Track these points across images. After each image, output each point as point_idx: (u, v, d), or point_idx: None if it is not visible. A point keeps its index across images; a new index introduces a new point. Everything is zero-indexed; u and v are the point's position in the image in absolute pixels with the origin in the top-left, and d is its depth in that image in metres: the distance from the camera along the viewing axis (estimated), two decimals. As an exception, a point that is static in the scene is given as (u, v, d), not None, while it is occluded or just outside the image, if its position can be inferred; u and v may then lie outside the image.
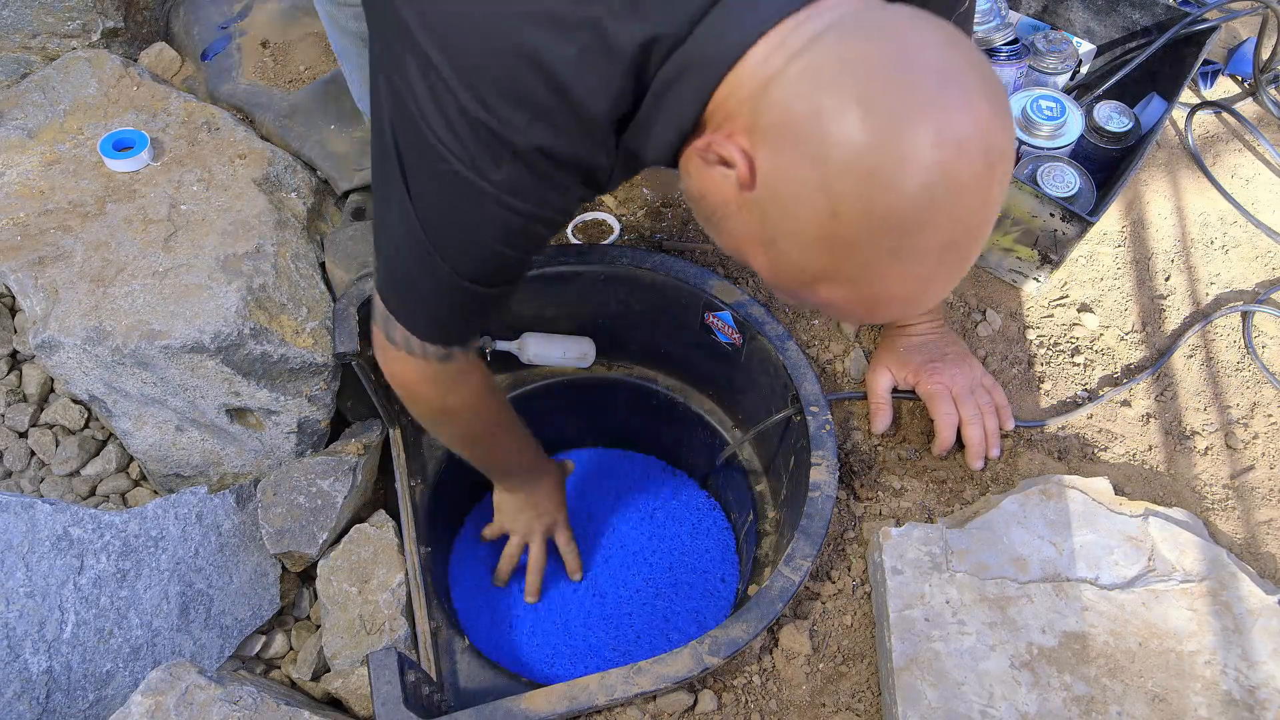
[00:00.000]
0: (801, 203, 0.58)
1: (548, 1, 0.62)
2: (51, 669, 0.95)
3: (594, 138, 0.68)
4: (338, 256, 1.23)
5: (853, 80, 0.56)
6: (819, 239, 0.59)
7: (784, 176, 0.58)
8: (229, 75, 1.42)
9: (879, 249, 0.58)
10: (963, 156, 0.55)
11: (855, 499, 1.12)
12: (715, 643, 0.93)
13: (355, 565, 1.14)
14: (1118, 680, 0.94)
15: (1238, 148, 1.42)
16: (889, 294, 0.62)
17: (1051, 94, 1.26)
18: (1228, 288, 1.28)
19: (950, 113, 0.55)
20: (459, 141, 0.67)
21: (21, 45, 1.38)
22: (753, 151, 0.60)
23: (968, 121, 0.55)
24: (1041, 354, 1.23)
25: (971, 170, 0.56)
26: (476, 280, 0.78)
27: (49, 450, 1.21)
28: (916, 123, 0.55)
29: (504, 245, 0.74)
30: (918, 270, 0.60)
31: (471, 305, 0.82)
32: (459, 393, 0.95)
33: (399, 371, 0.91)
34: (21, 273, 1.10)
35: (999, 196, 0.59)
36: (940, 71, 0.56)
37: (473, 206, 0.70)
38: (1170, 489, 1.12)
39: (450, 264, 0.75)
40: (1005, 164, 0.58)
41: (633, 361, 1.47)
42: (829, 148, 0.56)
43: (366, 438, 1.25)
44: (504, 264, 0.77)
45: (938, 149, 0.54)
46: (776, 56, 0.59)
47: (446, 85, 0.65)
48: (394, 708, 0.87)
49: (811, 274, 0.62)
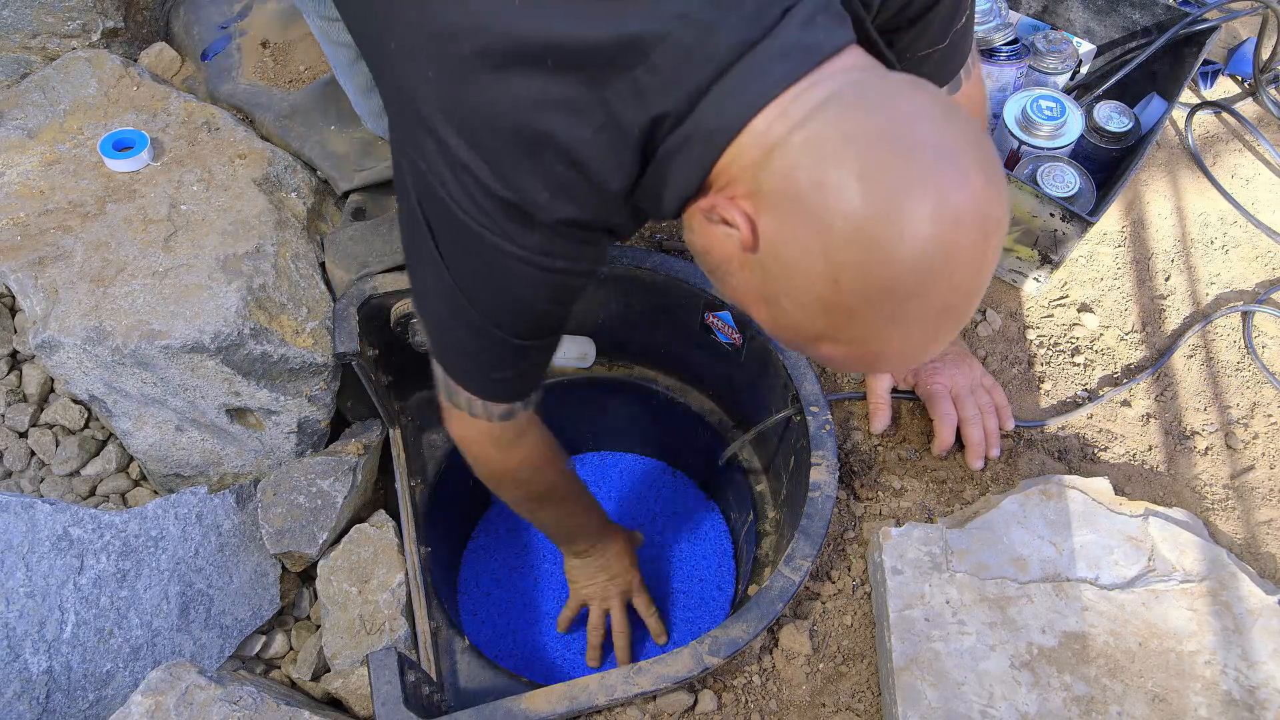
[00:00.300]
0: (803, 269, 0.60)
1: (559, 89, 0.64)
2: (51, 669, 0.95)
3: (612, 205, 0.71)
4: (338, 256, 1.23)
5: (853, 154, 0.58)
6: (820, 303, 0.61)
7: (787, 242, 0.60)
8: (229, 75, 1.42)
9: (877, 315, 0.60)
10: (959, 230, 0.57)
11: (855, 499, 1.12)
12: (715, 643, 0.93)
13: (355, 565, 1.14)
14: (1118, 680, 0.94)
15: (1238, 148, 1.42)
16: (887, 353, 0.64)
17: (1051, 94, 1.26)
18: (1228, 288, 1.28)
19: (947, 188, 0.57)
20: (486, 215, 0.69)
21: (21, 45, 1.38)
22: (756, 216, 0.62)
23: (964, 196, 0.57)
24: (1041, 354, 1.23)
25: (968, 242, 0.58)
26: (523, 335, 0.80)
27: (49, 450, 1.21)
28: (915, 198, 0.57)
29: (546, 302, 0.77)
30: (915, 333, 0.62)
31: (523, 359, 0.85)
32: (521, 450, 0.98)
33: (465, 435, 0.95)
34: (21, 273, 1.10)
35: (994, 262, 0.62)
36: (937, 146, 0.58)
37: (509, 270, 0.72)
38: (1170, 489, 1.12)
39: (495, 324, 0.78)
40: (1000, 233, 0.60)
41: (633, 361, 1.47)
42: (831, 219, 0.58)
43: (366, 438, 1.25)
44: (548, 317, 0.80)
45: (935, 223, 0.57)
46: (779, 125, 0.61)
47: (468, 168, 0.67)
48: (394, 708, 0.87)
49: (812, 333, 0.64)
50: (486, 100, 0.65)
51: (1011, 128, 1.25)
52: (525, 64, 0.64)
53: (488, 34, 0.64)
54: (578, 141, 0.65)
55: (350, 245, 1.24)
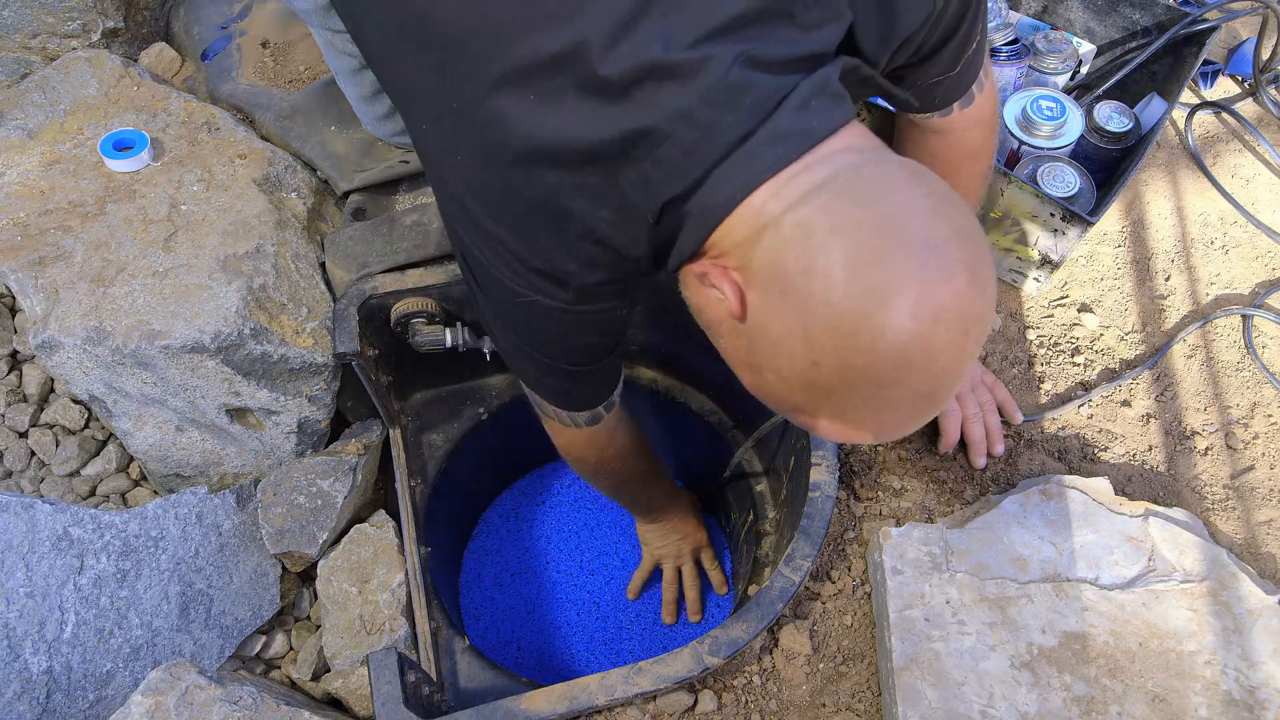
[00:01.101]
0: (786, 347, 0.62)
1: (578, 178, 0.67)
2: (51, 669, 0.95)
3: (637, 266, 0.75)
4: (338, 256, 1.23)
5: (840, 245, 0.59)
6: (800, 380, 0.63)
7: (771, 320, 0.63)
8: (229, 75, 1.42)
9: (855, 397, 0.62)
10: (937, 326, 0.58)
11: (855, 499, 1.12)
12: (715, 643, 0.93)
13: (355, 565, 1.14)
14: (1118, 680, 0.94)
15: (1238, 148, 1.42)
16: (865, 429, 0.66)
17: (1051, 94, 1.26)
18: (1228, 288, 1.28)
19: (930, 285, 0.58)
20: (522, 280, 0.74)
21: (21, 45, 1.38)
22: (745, 288, 0.64)
23: (946, 294, 0.58)
24: (1041, 354, 1.23)
25: (947, 338, 0.59)
26: (577, 364, 0.86)
27: (49, 450, 1.21)
28: (897, 294, 0.58)
29: (594, 336, 0.83)
30: (892, 415, 0.64)
31: (590, 377, 0.91)
32: (613, 447, 1.07)
33: (564, 442, 1.04)
34: (21, 273, 1.10)
35: (974, 353, 0.63)
36: (925, 242, 0.59)
37: (550, 317, 0.78)
38: (1170, 489, 1.12)
39: (549, 356, 0.84)
40: (981, 328, 0.62)
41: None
42: (814, 305, 0.59)
43: (366, 438, 1.25)
44: (595, 348, 0.85)
45: (914, 320, 0.58)
46: (773, 204, 0.63)
47: (503, 243, 0.72)
48: (394, 708, 0.87)
49: (793, 405, 0.67)
50: (513, 187, 0.69)
51: (1011, 128, 1.25)
52: (544, 160, 0.67)
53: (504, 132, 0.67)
54: (598, 220, 0.69)
55: (350, 245, 1.24)
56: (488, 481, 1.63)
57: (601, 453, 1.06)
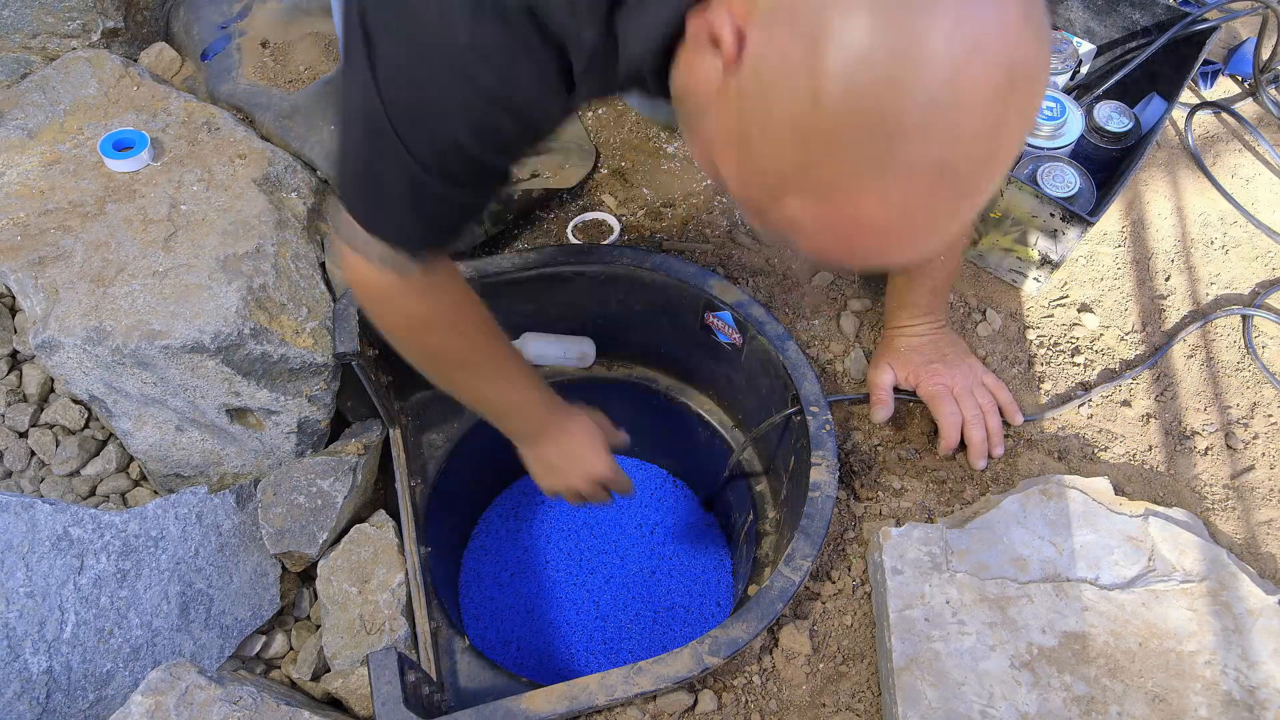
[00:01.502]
0: (783, 86, 0.52)
1: None
2: (51, 669, 0.95)
3: (585, 3, 0.64)
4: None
5: None
6: (795, 131, 0.52)
7: (770, 54, 0.52)
8: (229, 75, 1.42)
9: (858, 153, 0.51)
10: (977, 60, 0.47)
11: (855, 499, 1.12)
12: (715, 643, 0.93)
13: (355, 565, 1.14)
14: (1118, 680, 0.94)
15: (1238, 148, 1.42)
16: (864, 219, 0.54)
17: (1051, 94, 1.26)
18: (1228, 288, 1.28)
19: (974, 6, 0.48)
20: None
21: (21, 45, 1.38)
22: (746, 29, 0.54)
23: (993, 21, 0.48)
24: (1041, 354, 1.23)
25: (986, 80, 0.48)
26: (438, 172, 0.72)
27: (49, 450, 1.21)
28: (933, 12, 0.47)
29: (466, 135, 0.70)
30: (901, 191, 0.52)
31: (435, 205, 0.76)
32: (429, 302, 0.87)
33: (364, 280, 0.84)
34: (21, 273, 1.10)
35: (1014, 130, 0.51)
36: None
37: (436, 72, 0.66)
38: (1170, 489, 1.12)
39: (409, 146, 0.70)
40: (1029, 88, 0.50)
41: (633, 361, 1.47)
42: (824, 28, 0.49)
43: (366, 438, 1.25)
44: (467, 160, 0.72)
45: (949, 44, 0.47)
46: None
47: None
48: (394, 708, 0.87)
49: (780, 178, 0.55)
50: None
51: (1011, 128, 1.25)
52: None
53: None
54: None
55: (350, 245, 1.24)
56: (488, 481, 1.63)
57: (412, 306, 0.86)
